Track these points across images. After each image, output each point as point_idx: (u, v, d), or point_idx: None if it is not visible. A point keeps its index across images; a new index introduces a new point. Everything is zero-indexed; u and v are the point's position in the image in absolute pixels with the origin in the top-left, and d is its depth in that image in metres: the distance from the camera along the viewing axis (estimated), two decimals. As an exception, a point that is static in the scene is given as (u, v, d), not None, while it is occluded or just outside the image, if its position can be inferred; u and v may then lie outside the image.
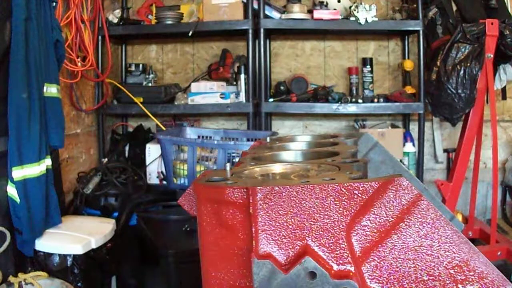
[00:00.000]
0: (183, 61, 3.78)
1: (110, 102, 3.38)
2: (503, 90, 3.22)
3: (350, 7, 3.17)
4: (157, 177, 3.04)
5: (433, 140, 3.65)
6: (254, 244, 0.79)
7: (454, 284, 0.76)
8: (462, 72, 2.88)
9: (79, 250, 2.00)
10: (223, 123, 3.75)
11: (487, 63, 2.85)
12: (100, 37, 3.24)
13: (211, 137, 2.96)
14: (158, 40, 3.75)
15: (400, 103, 3.21)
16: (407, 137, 3.38)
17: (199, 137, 2.96)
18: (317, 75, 3.68)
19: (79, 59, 2.86)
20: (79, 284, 2.04)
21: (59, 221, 2.12)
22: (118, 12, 3.39)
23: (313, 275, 0.75)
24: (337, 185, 0.77)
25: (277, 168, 1.05)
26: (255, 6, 3.19)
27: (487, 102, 3.03)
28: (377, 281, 0.78)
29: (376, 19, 3.11)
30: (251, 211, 0.78)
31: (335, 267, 0.77)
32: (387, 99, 3.26)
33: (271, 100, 3.27)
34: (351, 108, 3.21)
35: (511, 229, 3.37)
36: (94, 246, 2.05)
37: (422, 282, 0.76)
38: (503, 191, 3.58)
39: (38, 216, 1.96)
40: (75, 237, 2.05)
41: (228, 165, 0.97)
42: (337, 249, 0.77)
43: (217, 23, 3.19)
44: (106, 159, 3.09)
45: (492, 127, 2.90)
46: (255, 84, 3.23)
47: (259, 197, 0.78)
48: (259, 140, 1.53)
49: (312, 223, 0.78)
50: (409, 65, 3.40)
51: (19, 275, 1.84)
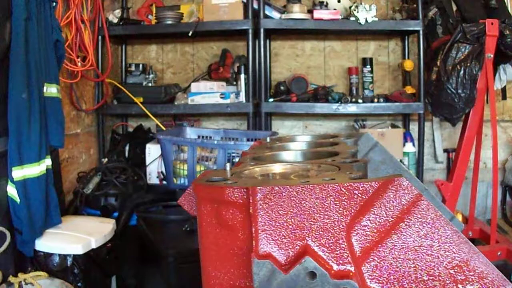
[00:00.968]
0: (183, 61, 3.78)
1: (110, 102, 3.38)
2: (503, 90, 3.21)
3: (350, 7, 3.17)
4: (157, 177, 3.04)
5: (433, 140, 3.65)
6: (254, 244, 0.79)
7: (454, 284, 0.76)
8: (462, 72, 2.88)
9: (79, 250, 2.00)
10: (223, 123, 3.75)
11: (487, 63, 2.85)
12: (100, 37, 3.24)
13: (211, 137, 2.96)
14: (158, 40, 3.75)
15: (400, 103, 3.21)
16: (407, 137, 3.38)
17: (199, 137, 2.96)
18: (317, 75, 3.68)
19: (79, 59, 2.86)
20: (79, 284, 2.04)
21: (59, 221, 2.12)
22: (118, 12, 3.39)
23: (313, 275, 0.75)
24: (337, 185, 0.77)
25: (277, 168, 1.05)
26: (255, 6, 3.19)
27: (487, 102, 3.03)
28: (377, 281, 0.78)
29: (376, 19, 3.11)
30: (251, 211, 0.78)
31: (335, 267, 0.77)
32: (387, 99, 3.26)
33: (271, 100, 3.27)
34: (351, 108, 3.21)
35: (511, 229, 3.37)
36: (94, 246, 2.05)
37: (422, 282, 0.76)
38: (503, 191, 3.58)
39: (38, 216, 1.96)
40: (75, 237, 2.05)
41: (228, 165, 0.97)
42: (337, 249, 0.77)
43: (217, 23, 3.19)
44: (106, 159, 3.09)
45: (492, 127, 2.90)
46: (255, 84, 3.23)
47: (259, 197, 0.78)
48: (259, 140, 1.52)
49: (312, 223, 0.78)
50: (409, 65, 3.40)
51: (19, 275, 1.84)
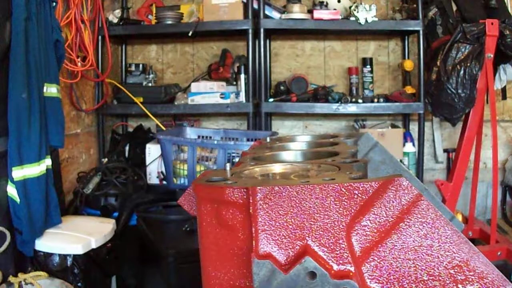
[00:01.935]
0: (183, 61, 3.78)
1: (110, 102, 3.38)
2: (503, 90, 3.21)
3: (350, 7, 3.17)
4: (157, 177, 3.04)
5: (433, 140, 3.65)
6: (254, 244, 0.79)
7: (454, 284, 0.76)
8: (462, 72, 2.88)
9: (79, 250, 2.00)
10: (223, 123, 3.75)
11: (487, 63, 2.85)
12: (100, 37, 3.24)
13: (211, 137, 2.96)
14: (158, 40, 3.75)
15: (400, 103, 3.21)
16: (407, 137, 3.38)
17: (199, 137, 2.96)
18: (317, 75, 3.68)
19: (79, 59, 2.86)
20: (79, 284, 2.04)
21: (59, 221, 2.12)
22: (118, 12, 3.39)
23: (313, 275, 0.75)
24: (337, 185, 0.77)
25: (277, 168, 1.05)
26: (255, 6, 3.19)
27: (487, 102, 3.03)
28: (377, 281, 0.78)
29: (376, 19, 3.11)
30: (251, 211, 0.78)
31: (335, 267, 0.77)
32: (387, 99, 3.26)
33: (271, 100, 3.27)
34: (351, 108, 3.21)
35: (511, 229, 3.37)
36: (94, 246, 2.05)
37: (422, 282, 0.76)
38: (503, 191, 3.58)
39: (38, 216, 1.96)
40: (75, 237, 2.05)
41: (228, 165, 0.97)
42: (337, 249, 0.77)
43: (217, 23, 3.19)
44: (106, 159, 3.09)
45: (492, 127, 2.90)
46: (255, 84, 3.23)
47: (259, 197, 0.78)
48: (259, 140, 1.52)
49: (312, 223, 0.78)
50: (409, 65, 3.40)
51: (19, 275, 1.84)
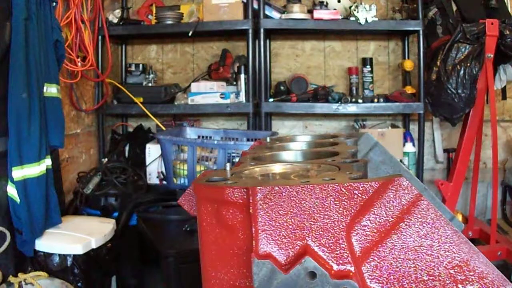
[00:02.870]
0: (183, 61, 3.78)
1: (110, 102, 3.38)
2: (503, 90, 3.22)
3: (350, 7, 3.17)
4: (157, 177, 3.04)
5: (433, 140, 3.65)
6: (254, 244, 0.78)
7: (454, 284, 0.76)
8: (462, 72, 2.88)
9: (79, 250, 2.00)
10: (223, 123, 3.75)
11: (487, 63, 2.85)
12: (100, 37, 3.24)
13: (211, 137, 2.95)
14: (158, 40, 3.75)
15: (400, 103, 3.21)
16: (407, 137, 3.38)
17: (199, 137, 2.95)
18: (317, 75, 3.68)
19: (79, 59, 2.86)
20: (79, 284, 2.04)
21: (59, 221, 2.12)
22: (118, 12, 3.39)
23: (313, 275, 0.75)
24: (337, 185, 0.77)
25: (277, 168, 1.05)
26: (255, 6, 3.19)
27: (487, 102, 3.03)
28: (377, 281, 0.78)
29: (376, 19, 3.11)
30: (251, 211, 0.78)
31: (335, 267, 0.77)
32: (387, 99, 3.26)
33: (271, 100, 3.27)
34: (351, 108, 3.21)
35: (511, 229, 3.37)
36: (94, 246, 2.05)
37: (422, 282, 0.76)
38: (503, 191, 3.58)
39: (38, 216, 1.96)
40: (75, 237, 2.05)
41: (228, 165, 0.97)
42: (337, 249, 0.77)
43: (217, 23, 3.19)
44: (106, 159, 3.09)
45: (492, 127, 2.90)
46: (255, 84, 3.23)
47: (259, 197, 0.78)
48: (259, 140, 1.52)
49: (312, 223, 0.78)
50: (409, 65, 3.40)
51: (19, 275, 1.84)
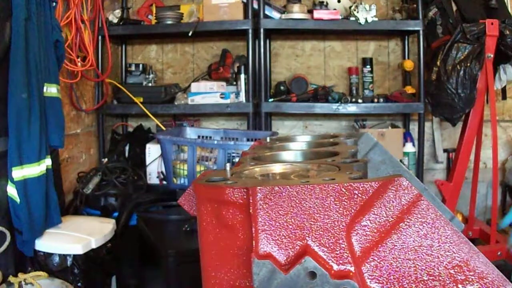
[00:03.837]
0: (183, 61, 3.78)
1: (110, 102, 3.38)
2: (503, 90, 3.21)
3: (350, 7, 3.17)
4: (157, 177, 3.04)
5: (433, 140, 3.65)
6: (254, 244, 0.78)
7: (454, 284, 0.76)
8: (462, 72, 2.88)
9: (79, 250, 2.00)
10: (223, 123, 3.75)
11: (487, 63, 2.84)
12: (100, 37, 3.24)
13: (211, 137, 2.95)
14: (158, 40, 3.75)
15: (400, 103, 3.21)
16: (407, 137, 3.38)
17: (199, 137, 2.95)
18: (317, 75, 3.68)
19: (79, 59, 2.86)
20: (79, 284, 2.04)
21: (59, 221, 2.12)
22: (118, 12, 3.39)
23: (313, 275, 0.75)
24: (337, 185, 0.77)
25: (277, 168, 1.05)
26: (255, 6, 3.19)
27: (487, 102, 3.03)
28: (377, 281, 0.78)
29: (376, 19, 3.11)
30: (251, 211, 0.78)
31: (335, 267, 0.77)
32: (387, 99, 3.26)
33: (271, 100, 3.27)
34: (351, 108, 3.20)
35: (511, 229, 3.37)
36: (94, 246, 2.05)
37: (422, 282, 0.76)
38: (503, 191, 3.58)
39: (38, 216, 1.96)
40: (75, 237, 2.05)
41: (228, 165, 0.97)
42: (337, 249, 0.77)
43: (217, 23, 3.19)
44: (106, 159, 3.09)
45: (492, 127, 2.90)
46: (255, 84, 3.23)
47: (259, 197, 0.78)
48: (259, 140, 1.53)
49: (312, 223, 0.78)
50: (409, 65, 3.40)
51: (19, 275, 1.84)
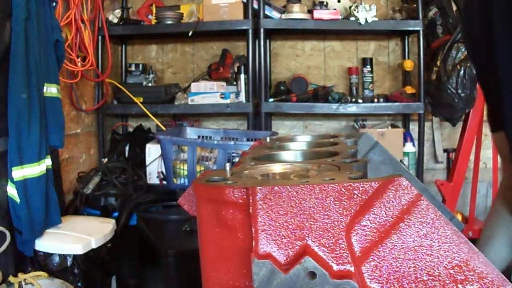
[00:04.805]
0: (183, 61, 3.78)
1: (110, 102, 3.38)
2: (503, 90, 3.21)
3: (350, 7, 3.17)
4: (157, 177, 3.03)
5: (433, 140, 3.65)
6: (254, 244, 0.78)
7: (454, 284, 0.76)
8: (462, 72, 2.88)
9: (79, 250, 2.00)
10: (223, 123, 3.75)
11: (487, 63, 2.84)
12: (100, 37, 3.24)
13: (211, 137, 2.95)
14: (158, 40, 3.75)
15: (400, 103, 3.21)
16: (407, 137, 3.38)
17: (199, 137, 2.95)
18: (317, 75, 3.68)
19: (79, 59, 2.86)
20: (79, 284, 2.04)
21: (59, 221, 2.11)
22: (118, 12, 3.39)
23: (313, 275, 0.75)
24: (336, 185, 0.77)
25: (277, 168, 1.05)
26: (255, 6, 3.19)
27: (487, 102, 3.03)
28: (377, 281, 0.78)
29: (376, 19, 3.11)
30: (251, 211, 0.78)
31: (335, 267, 0.77)
32: (387, 99, 3.26)
33: (271, 100, 3.27)
34: (351, 108, 3.20)
35: (511, 229, 3.37)
36: (94, 246, 2.04)
37: (422, 282, 0.76)
38: (503, 191, 3.57)
39: (38, 216, 1.96)
40: (75, 237, 2.05)
41: (228, 165, 0.97)
42: (337, 249, 0.77)
43: (217, 23, 3.19)
44: (106, 159, 3.09)
45: (492, 127, 2.90)
46: (255, 84, 3.23)
47: (259, 197, 0.78)
48: (259, 140, 1.53)
49: (312, 223, 0.77)
50: (409, 65, 3.40)
51: (19, 275, 1.84)
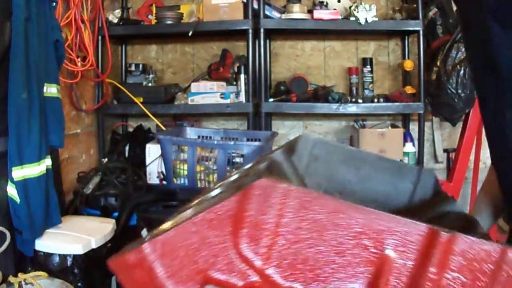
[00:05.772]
0: (183, 61, 3.78)
1: (110, 102, 3.38)
2: (503, 90, 3.21)
3: (350, 7, 3.17)
4: (157, 177, 3.03)
5: (433, 140, 3.65)
6: None
7: (372, 247, 0.77)
8: (462, 72, 2.88)
9: (79, 250, 2.00)
10: (223, 123, 3.75)
11: (487, 63, 2.84)
12: (100, 37, 3.23)
13: (211, 137, 2.95)
14: (158, 40, 3.75)
15: (400, 103, 3.21)
16: (407, 137, 3.38)
17: (199, 137, 2.95)
18: (317, 75, 3.68)
19: (79, 59, 2.86)
20: (79, 284, 2.04)
21: (59, 221, 2.12)
22: (118, 12, 3.39)
23: None
24: (202, 214, 0.81)
25: (187, 212, 1.08)
26: (255, 6, 3.18)
27: (487, 102, 3.03)
28: (290, 277, 0.80)
29: (376, 19, 3.10)
30: (146, 267, 0.82)
31: (240, 283, 0.80)
32: (387, 99, 3.26)
33: (271, 100, 3.27)
34: (351, 108, 3.20)
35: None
36: (94, 246, 2.05)
37: (332, 262, 0.78)
38: (503, 191, 3.57)
39: (38, 216, 1.96)
40: (75, 237, 2.05)
41: (144, 230, 1.00)
42: (234, 267, 0.80)
43: (217, 23, 3.19)
44: (106, 159, 3.09)
45: (492, 127, 2.90)
46: (255, 84, 3.23)
47: (148, 252, 0.83)
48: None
49: (201, 254, 0.82)
50: (409, 65, 3.40)
51: (19, 275, 1.84)
